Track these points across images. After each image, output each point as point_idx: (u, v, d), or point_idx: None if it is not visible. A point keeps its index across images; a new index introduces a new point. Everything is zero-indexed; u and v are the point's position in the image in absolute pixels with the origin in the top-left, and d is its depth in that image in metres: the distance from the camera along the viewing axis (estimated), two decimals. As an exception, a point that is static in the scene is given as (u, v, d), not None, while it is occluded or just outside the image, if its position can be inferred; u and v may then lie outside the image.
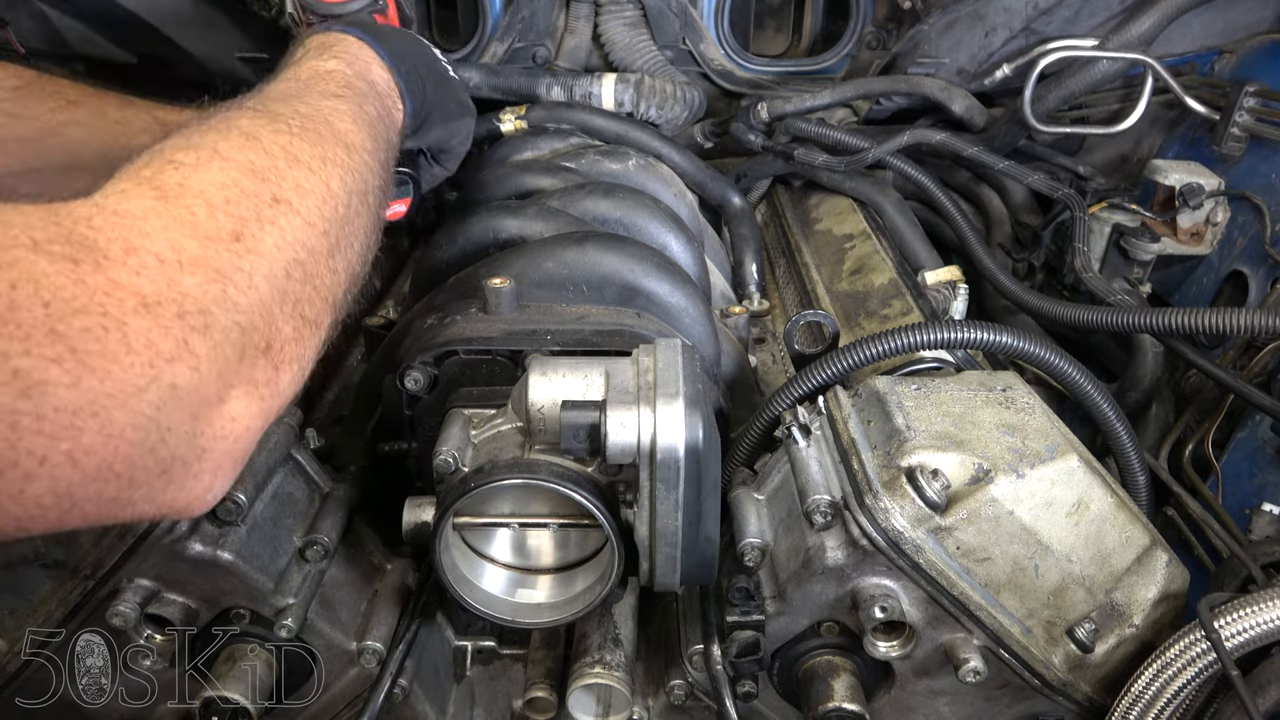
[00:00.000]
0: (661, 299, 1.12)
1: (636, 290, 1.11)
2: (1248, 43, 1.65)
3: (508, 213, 1.24)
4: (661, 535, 0.85)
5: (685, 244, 1.30)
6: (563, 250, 1.12)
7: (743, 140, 1.88)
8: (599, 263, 1.11)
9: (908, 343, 1.00)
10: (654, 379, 0.86)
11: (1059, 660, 0.90)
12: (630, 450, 0.82)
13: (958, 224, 1.66)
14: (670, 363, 0.88)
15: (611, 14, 2.03)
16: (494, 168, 1.48)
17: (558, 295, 1.10)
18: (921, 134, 1.71)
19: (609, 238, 1.17)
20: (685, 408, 0.82)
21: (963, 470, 0.88)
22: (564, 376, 0.89)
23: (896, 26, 2.07)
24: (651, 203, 1.32)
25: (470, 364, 1.03)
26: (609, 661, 0.97)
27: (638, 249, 1.16)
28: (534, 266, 1.11)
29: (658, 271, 1.13)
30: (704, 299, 1.19)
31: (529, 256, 1.13)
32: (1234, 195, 1.50)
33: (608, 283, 1.11)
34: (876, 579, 0.89)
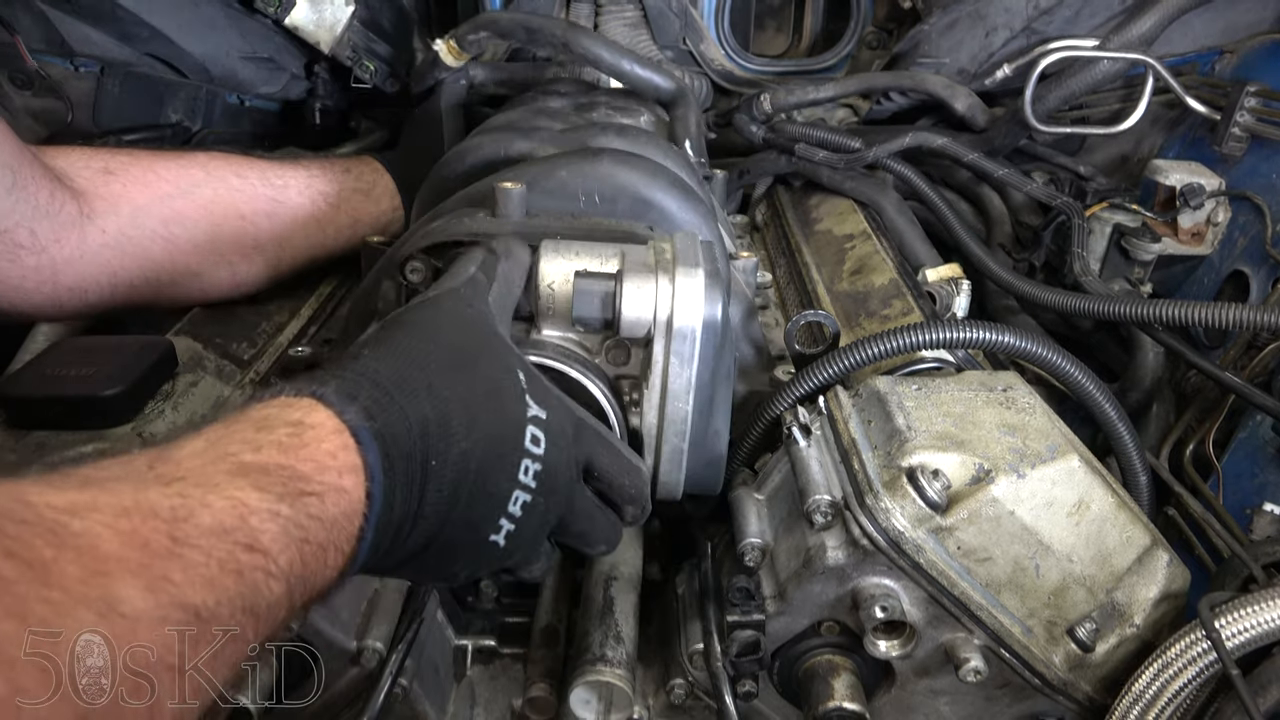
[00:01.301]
0: (674, 215, 1.08)
1: (650, 204, 1.07)
2: (1248, 43, 1.65)
3: (520, 134, 1.20)
4: (671, 421, 0.82)
5: (697, 184, 1.27)
6: (577, 161, 1.08)
7: (744, 132, 1.87)
8: (613, 174, 1.07)
9: (908, 343, 1.00)
10: (672, 257, 0.83)
11: (1059, 660, 0.90)
12: (646, 322, 0.78)
13: (949, 221, 1.66)
14: (689, 245, 0.84)
15: (611, 14, 2.03)
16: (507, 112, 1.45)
17: (569, 205, 1.06)
18: (923, 137, 1.70)
19: (625, 153, 1.13)
20: (706, 280, 0.80)
21: (963, 470, 0.88)
22: (578, 255, 0.85)
23: (897, 26, 2.07)
24: (665, 143, 1.30)
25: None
26: (610, 659, 0.97)
27: (653, 165, 1.12)
28: (547, 175, 1.06)
29: (672, 188, 1.10)
30: (716, 224, 1.17)
31: (542, 165, 1.09)
32: (1235, 195, 1.49)
33: (621, 194, 1.06)
34: (877, 579, 0.89)
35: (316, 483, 0.59)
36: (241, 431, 0.60)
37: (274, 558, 0.55)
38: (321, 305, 1.44)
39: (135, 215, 1.21)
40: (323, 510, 0.59)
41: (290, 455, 0.59)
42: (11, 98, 1.64)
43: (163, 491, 0.53)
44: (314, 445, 0.60)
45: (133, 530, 0.49)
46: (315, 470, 0.59)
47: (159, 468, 0.55)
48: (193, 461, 0.56)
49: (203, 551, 0.51)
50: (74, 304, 1.18)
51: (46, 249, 1.12)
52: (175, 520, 0.51)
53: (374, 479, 0.62)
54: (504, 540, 0.72)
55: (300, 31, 1.84)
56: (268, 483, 0.57)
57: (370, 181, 1.48)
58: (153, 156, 1.29)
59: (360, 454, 0.62)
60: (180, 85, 1.86)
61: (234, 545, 0.53)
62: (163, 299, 1.26)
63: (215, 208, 1.28)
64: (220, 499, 0.54)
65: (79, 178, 1.18)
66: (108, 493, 0.51)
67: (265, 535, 0.55)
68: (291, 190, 1.38)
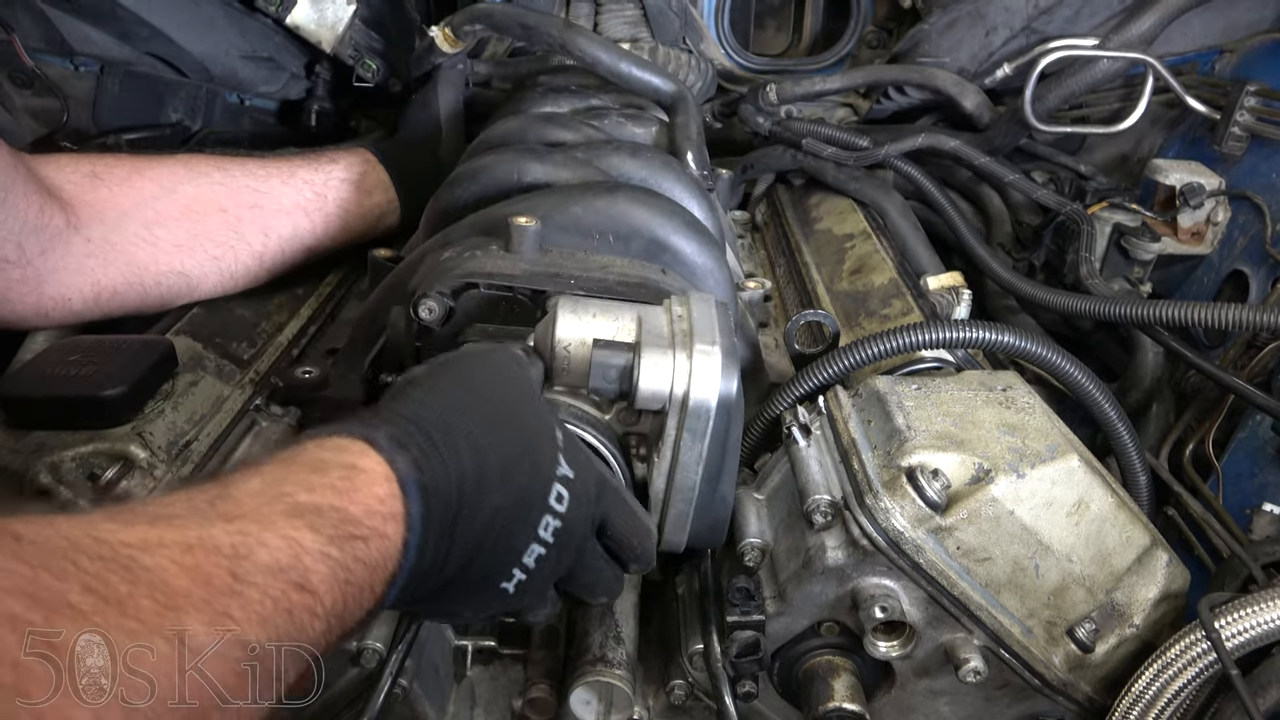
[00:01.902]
0: (688, 258, 1.08)
1: (664, 246, 1.07)
2: (1248, 42, 1.65)
3: (534, 156, 1.20)
4: (679, 489, 0.83)
5: (708, 211, 1.27)
6: (592, 197, 1.08)
7: (750, 123, 1.87)
8: (628, 214, 1.07)
9: (908, 342, 1.00)
10: (689, 327, 0.83)
11: (1059, 660, 0.90)
12: (661, 397, 0.79)
13: (953, 220, 1.66)
14: (705, 313, 0.85)
15: (612, 13, 2.03)
16: (514, 118, 1.44)
17: (582, 243, 1.06)
18: (936, 138, 1.70)
19: (641, 190, 1.13)
20: (723, 358, 0.80)
21: (963, 470, 0.88)
22: (594, 317, 0.86)
23: (897, 26, 2.07)
24: (677, 166, 1.30)
25: (488, 300, 0.98)
26: (611, 660, 0.97)
27: (668, 205, 1.12)
28: (561, 210, 1.06)
29: (686, 229, 1.10)
30: (726, 264, 1.17)
31: (556, 199, 1.09)
32: (1234, 195, 1.49)
33: (635, 235, 1.07)
34: (877, 579, 0.89)
35: (365, 526, 0.62)
36: (298, 472, 0.62)
37: (321, 598, 0.58)
38: (321, 305, 1.44)
39: (119, 220, 1.22)
40: (367, 554, 0.61)
41: (344, 498, 0.62)
42: (11, 97, 1.64)
43: (225, 528, 0.55)
44: (365, 490, 0.63)
45: (196, 566, 0.52)
46: (364, 514, 0.62)
47: (220, 505, 0.58)
48: (252, 500, 0.59)
49: (259, 590, 0.54)
50: (59, 313, 1.19)
51: (32, 262, 1.13)
52: (236, 557, 0.54)
53: (413, 530, 0.65)
54: (514, 588, 0.74)
55: (301, 30, 1.84)
56: (321, 524, 0.59)
57: (360, 172, 1.48)
58: (138, 159, 1.29)
59: (404, 504, 0.64)
60: (180, 84, 1.86)
61: (287, 585, 0.56)
62: (149, 302, 1.26)
63: (197, 204, 1.28)
64: (277, 538, 0.57)
65: (68, 185, 1.19)
66: (174, 529, 0.54)
67: (315, 575, 0.58)
68: (274, 180, 1.37)
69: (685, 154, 1.42)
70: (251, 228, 1.33)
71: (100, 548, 0.50)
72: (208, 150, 1.56)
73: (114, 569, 0.49)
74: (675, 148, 1.44)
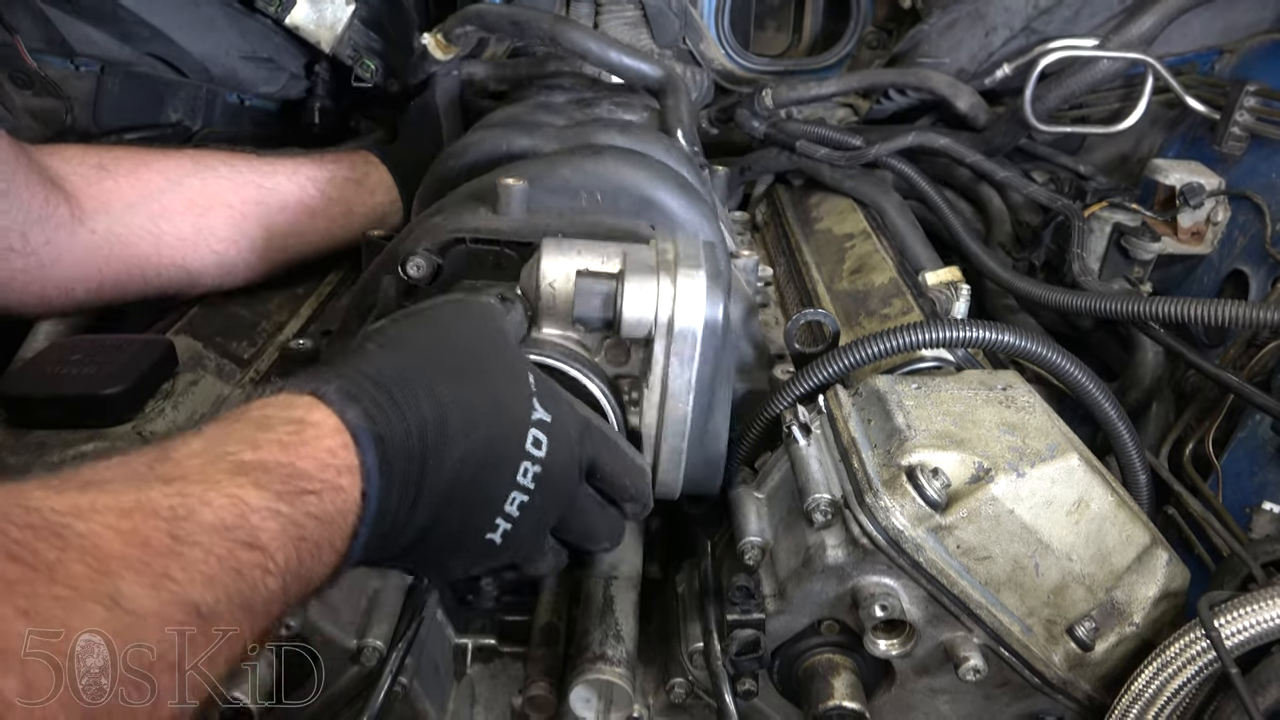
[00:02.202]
0: (676, 214, 1.08)
1: (652, 203, 1.08)
2: (1248, 42, 1.66)
3: (521, 129, 1.20)
4: (670, 422, 0.82)
5: (699, 182, 1.27)
6: (579, 159, 1.09)
7: (746, 126, 1.87)
8: (616, 173, 1.07)
9: (908, 341, 1.00)
10: (674, 258, 0.83)
11: (1059, 658, 0.90)
12: (647, 323, 0.79)
13: (949, 220, 1.66)
14: (691, 245, 0.85)
15: (612, 13, 2.03)
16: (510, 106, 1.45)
17: (570, 203, 1.06)
18: (926, 136, 1.70)
19: (627, 151, 1.14)
20: (707, 281, 0.80)
21: (963, 469, 0.88)
22: (579, 254, 0.86)
23: (896, 26, 2.07)
24: (667, 139, 1.30)
25: (476, 256, 0.98)
26: (611, 657, 0.97)
27: (656, 164, 1.13)
28: (549, 172, 1.06)
29: (674, 187, 1.10)
30: (717, 223, 1.17)
31: (544, 163, 1.09)
32: (1234, 194, 1.49)
33: (623, 193, 1.07)
34: (877, 577, 0.89)
35: (316, 480, 0.60)
36: (242, 430, 0.60)
37: (272, 555, 0.56)
38: (322, 304, 1.44)
39: (125, 213, 1.22)
40: (320, 508, 0.59)
41: (290, 453, 0.60)
42: (12, 97, 1.64)
43: (163, 490, 0.53)
44: (314, 443, 0.61)
45: (134, 529, 0.50)
46: (315, 468, 0.60)
47: (159, 467, 0.56)
48: (193, 460, 0.57)
49: (203, 549, 0.52)
50: (61, 301, 1.19)
51: (36, 251, 1.13)
52: (175, 519, 0.52)
53: (370, 480, 0.63)
54: (500, 539, 0.73)
55: (301, 31, 1.85)
56: (267, 480, 0.57)
57: (364, 172, 1.48)
58: (146, 152, 1.30)
59: (358, 454, 0.62)
60: (180, 85, 1.86)
61: (234, 543, 0.54)
62: (151, 294, 1.27)
63: (202, 198, 1.29)
64: (220, 496, 0.55)
65: (73, 175, 1.19)
66: (108, 494, 0.52)
67: (264, 533, 0.56)
68: (280, 177, 1.38)
69: (675, 133, 1.42)
70: (254, 223, 1.33)
71: (29, 516, 0.48)
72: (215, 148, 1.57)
73: (44, 536, 0.47)
74: (667, 129, 1.44)
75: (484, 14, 1.59)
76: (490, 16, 1.58)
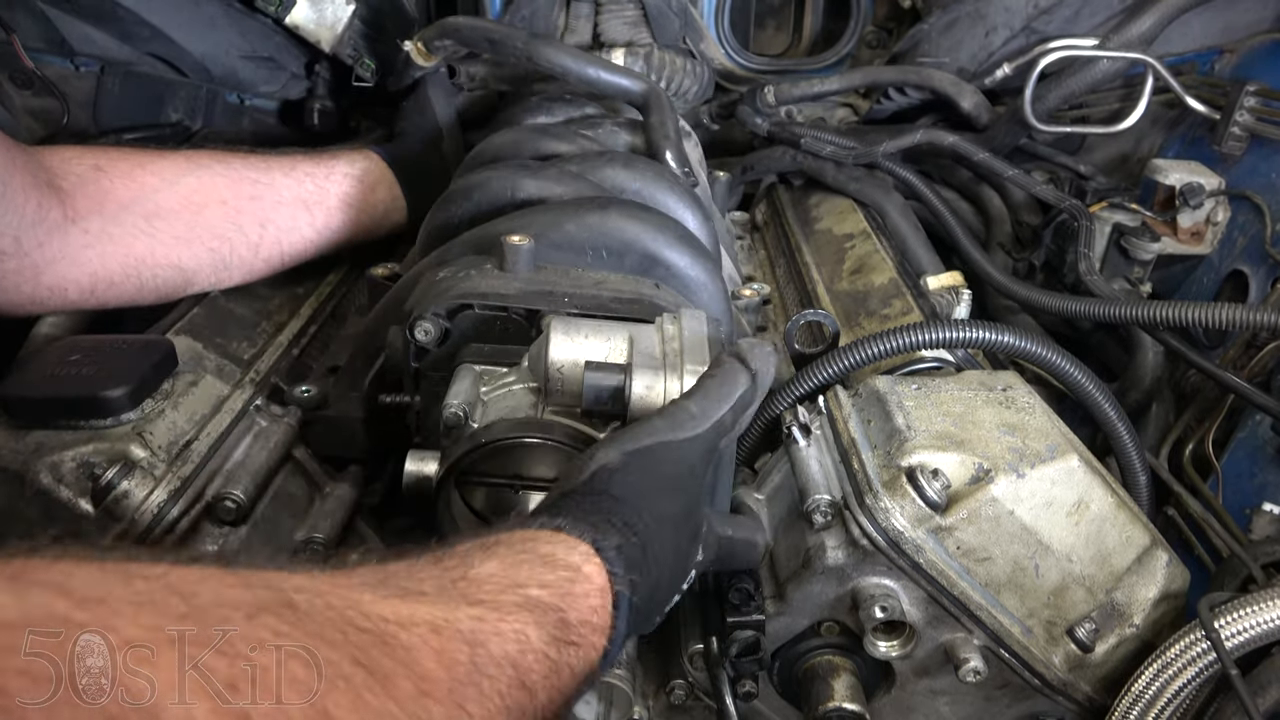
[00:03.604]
0: (681, 271, 1.09)
1: (657, 260, 1.09)
2: (1248, 42, 1.65)
3: (528, 173, 1.20)
4: None
5: (701, 221, 1.27)
6: (585, 213, 1.09)
7: (748, 123, 1.87)
8: (621, 229, 1.08)
9: (908, 342, 1.00)
10: (679, 346, 0.85)
11: (1059, 660, 0.90)
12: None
13: (946, 220, 1.66)
14: (696, 332, 0.87)
15: (612, 13, 2.03)
16: (509, 131, 1.44)
17: (576, 259, 1.07)
18: (934, 134, 1.70)
19: (633, 205, 1.14)
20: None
21: (963, 470, 0.88)
22: (587, 338, 0.88)
23: (897, 26, 2.07)
24: (671, 176, 1.30)
25: (483, 320, 0.99)
26: (609, 660, 0.97)
27: (661, 219, 1.13)
28: (554, 227, 1.07)
29: (679, 243, 1.11)
30: (721, 275, 1.18)
31: (550, 216, 1.10)
32: (1234, 195, 1.49)
33: (629, 250, 1.08)
34: (877, 579, 0.89)
35: (577, 634, 0.64)
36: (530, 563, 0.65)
37: (535, 696, 0.60)
38: (321, 305, 1.44)
39: (119, 213, 1.22)
40: (575, 661, 0.64)
41: (565, 601, 0.64)
42: (12, 97, 1.64)
43: (468, 612, 0.58)
44: (582, 599, 0.65)
45: (443, 649, 0.55)
46: (578, 621, 0.65)
47: (463, 587, 0.61)
48: (491, 585, 0.62)
49: (490, 682, 0.56)
50: (54, 302, 1.19)
51: (29, 253, 1.13)
52: (475, 644, 0.57)
53: (614, 643, 0.68)
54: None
55: (301, 30, 1.84)
56: (545, 622, 0.62)
57: (363, 168, 1.48)
58: (142, 153, 1.30)
59: (613, 619, 0.68)
60: (180, 85, 1.86)
61: (511, 681, 0.58)
62: (146, 293, 1.26)
63: (197, 196, 1.29)
64: (510, 629, 0.59)
65: (70, 176, 1.19)
66: (424, 606, 0.56)
67: (534, 674, 0.60)
68: (276, 173, 1.37)
69: (664, 154, 1.42)
70: (250, 220, 1.33)
71: (363, 620, 0.52)
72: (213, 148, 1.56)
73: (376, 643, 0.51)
74: (654, 148, 1.44)
75: (460, 28, 1.59)
76: (466, 31, 1.58)
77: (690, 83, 1.91)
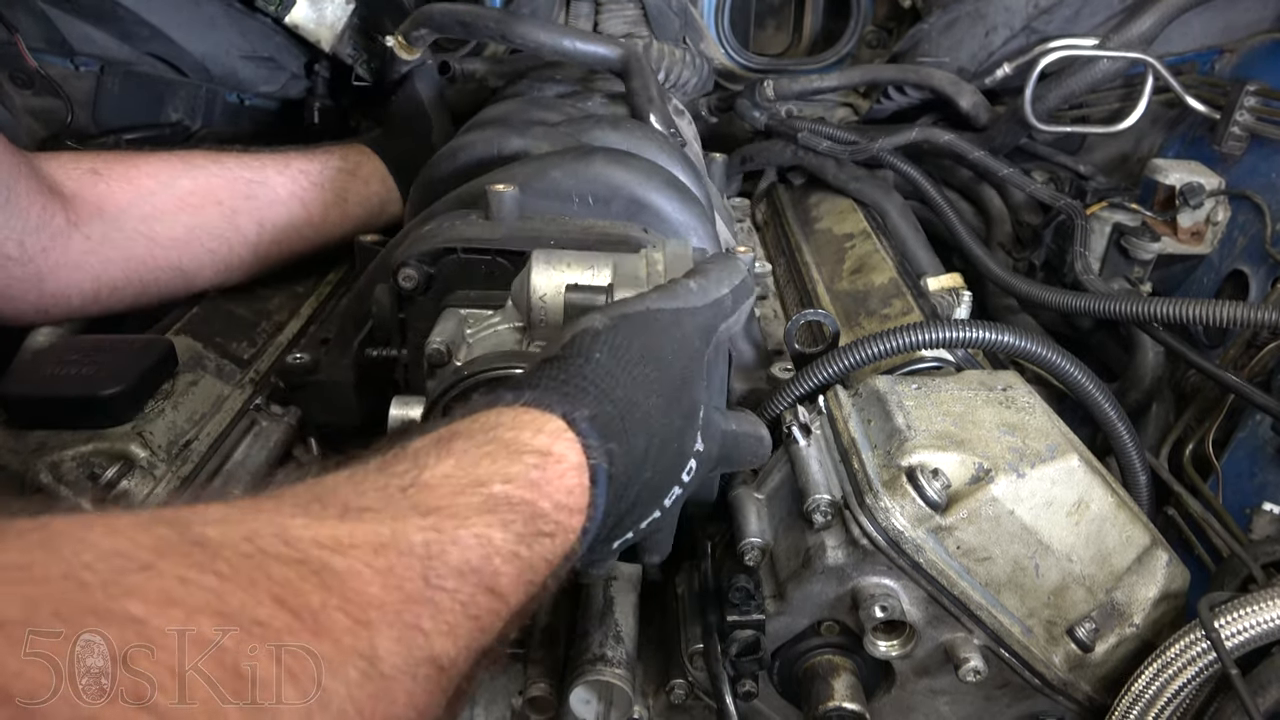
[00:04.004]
0: (669, 216, 1.08)
1: (644, 205, 1.07)
2: (1248, 42, 1.65)
3: (513, 130, 1.20)
4: None
5: (691, 176, 1.25)
6: (569, 161, 1.08)
7: (746, 117, 1.87)
8: (606, 175, 1.06)
9: (908, 342, 1.00)
10: (663, 269, 0.84)
11: (1059, 659, 0.90)
12: None
13: (949, 219, 1.66)
14: (680, 256, 0.85)
15: (611, 12, 2.03)
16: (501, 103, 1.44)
17: (562, 207, 1.06)
18: (930, 132, 1.70)
19: (618, 152, 1.13)
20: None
21: (963, 470, 0.88)
22: (569, 266, 0.86)
23: (897, 25, 2.07)
24: (660, 137, 1.29)
25: (468, 265, 0.97)
26: (610, 659, 0.97)
27: (647, 164, 1.12)
28: (539, 175, 1.06)
29: (666, 188, 1.09)
30: (711, 222, 1.16)
31: (534, 165, 1.08)
32: (1234, 194, 1.49)
33: (615, 195, 1.06)
34: (877, 578, 0.89)
35: (552, 522, 0.59)
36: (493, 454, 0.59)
37: (507, 600, 0.55)
38: (321, 304, 1.44)
39: (118, 217, 1.22)
40: (551, 551, 0.59)
41: (535, 491, 0.59)
42: (12, 97, 1.64)
43: (418, 524, 0.52)
44: (557, 481, 0.60)
45: (390, 569, 0.49)
46: (553, 508, 0.59)
47: (414, 495, 0.54)
48: (446, 488, 0.56)
49: (449, 595, 0.51)
50: (58, 310, 1.19)
51: (34, 259, 1.13)
52: (428, 557, 0.51)
53: (593, 520, 0.63)
54: (645, 526, 0.74)
55: (301, 30, 1.84)
56: (513, 520, 0.56)
57: (356, 162, 1.48)
58: (137, 155, 1.30)
59: (592, 496, 0.62)
60: (180, 84, 1.86)
61: (476, 588, 0.53)
62: (147, 296, 1.26)
63: (193, 198, 1.29)
64: (469, 535, 0.54)
65: (69, 182, 1.19)
66: (367, 523, 0.50)
67: (504, 578, 0.55)
68: (270, 171, 1.38)
69: (647, 116, 1.39)
70: (246, 218, 1.33)
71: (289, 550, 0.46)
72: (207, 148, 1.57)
73: (306, 576, 0.45)
74: (637, 112, 1.42)
75: (433, 15, 1.58)
76: (439, 17, 1.57)
77: (689, 74, 1.91)
